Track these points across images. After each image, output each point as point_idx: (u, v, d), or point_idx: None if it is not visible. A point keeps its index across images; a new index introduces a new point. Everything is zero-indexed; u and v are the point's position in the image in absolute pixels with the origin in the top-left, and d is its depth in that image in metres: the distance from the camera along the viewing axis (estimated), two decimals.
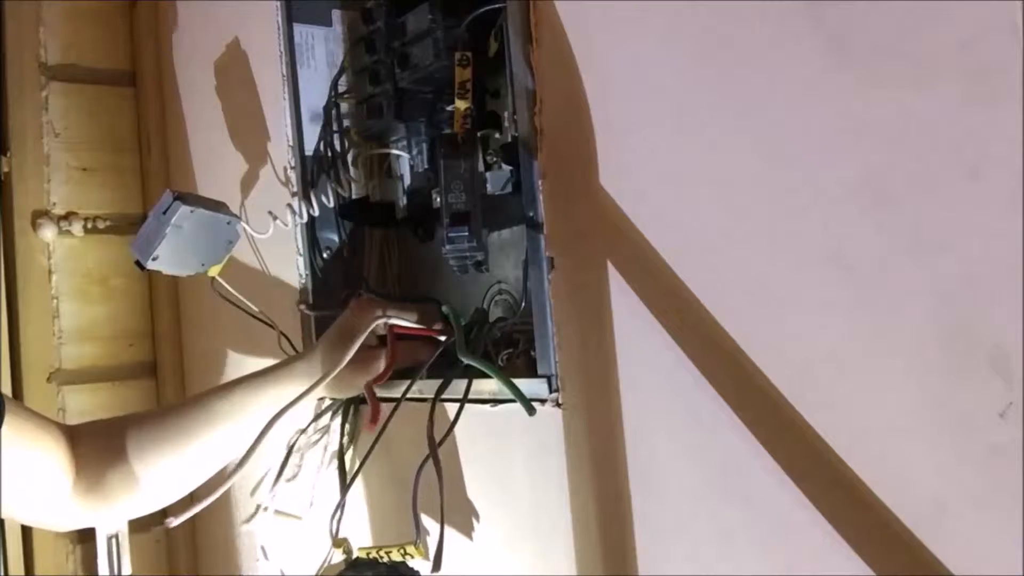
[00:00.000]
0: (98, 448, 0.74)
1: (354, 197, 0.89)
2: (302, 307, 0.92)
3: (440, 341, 0.76)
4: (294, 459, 0.94)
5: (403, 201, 0.87)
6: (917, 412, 0.46)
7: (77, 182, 1.30)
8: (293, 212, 0.91)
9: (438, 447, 0.70)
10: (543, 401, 0.67)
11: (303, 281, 0.94)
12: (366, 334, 0.75)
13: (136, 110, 1.35)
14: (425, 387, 0.76)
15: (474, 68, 0.73)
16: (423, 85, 0.80)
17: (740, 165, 0.54)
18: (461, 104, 0.73)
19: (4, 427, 0.65)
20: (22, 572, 1.20)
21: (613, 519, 0.63)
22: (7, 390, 1.22)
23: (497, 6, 0.70)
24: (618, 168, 0.62)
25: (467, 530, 0.77)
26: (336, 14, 0.93)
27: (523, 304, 0.76)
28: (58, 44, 1.30)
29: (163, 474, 0.75)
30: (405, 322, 0.77)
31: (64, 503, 0.73)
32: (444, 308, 0.76)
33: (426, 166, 0.85)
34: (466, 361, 0.70)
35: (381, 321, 0.76)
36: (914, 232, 0.46)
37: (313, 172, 0.92)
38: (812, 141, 0.50)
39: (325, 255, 0.93)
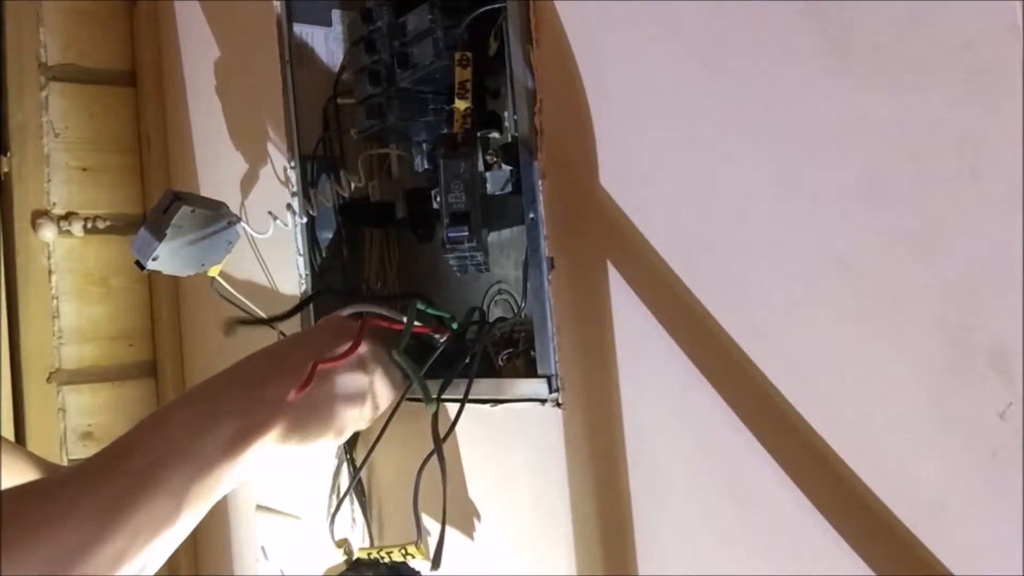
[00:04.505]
0: None
1: (354, 197, 0.89)
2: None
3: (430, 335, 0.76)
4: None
5: (403, 201, 0.87)
6: (917, 412, 0.46)
7: (77, 182, 1.30)
8: (293, 212, 0.91)
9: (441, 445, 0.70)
10: (543, 401, 0.67)
11: (303, 281, 0.94)
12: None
13: (136, 110, 1.35)
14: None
15: (474, 68, 0.73)
16: (423, 85, 0.80)
17: (740, 165, 0.54)
18: (461, 104, 0.73)
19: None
20: None
21: (613, 519, 0.63)
22: (7, 390, 1.22)
23: (497, 6, 0.70)
24: (618, 168, 0.62)
25: (467, 530, 0.76)
26: (336, 14, 0.93)
27: (523, 304, 0.76)
28: (58, 44, 1.30)
29: None
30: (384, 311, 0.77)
31: None
32: (419, 304, 0.75)
33: (426, 166, 0.85)
34: (396, 358, 0.72)
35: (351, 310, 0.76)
36: (914, 232, 0.46)
37: (313, 172, 0.92)
38: (812, 141, 0.50)
39: (325, 255, 0.93)
